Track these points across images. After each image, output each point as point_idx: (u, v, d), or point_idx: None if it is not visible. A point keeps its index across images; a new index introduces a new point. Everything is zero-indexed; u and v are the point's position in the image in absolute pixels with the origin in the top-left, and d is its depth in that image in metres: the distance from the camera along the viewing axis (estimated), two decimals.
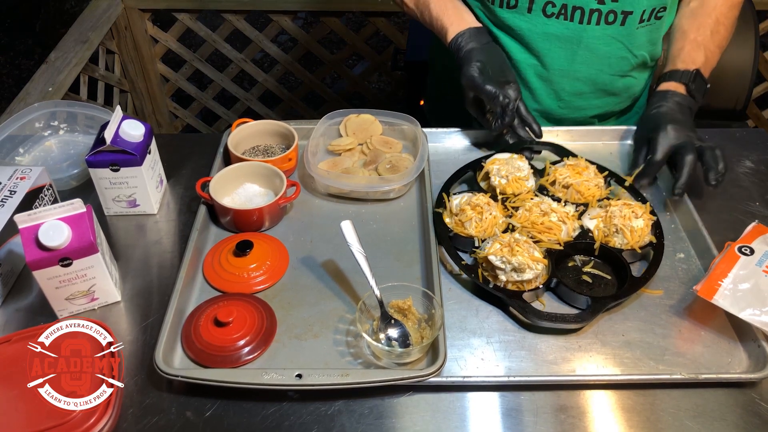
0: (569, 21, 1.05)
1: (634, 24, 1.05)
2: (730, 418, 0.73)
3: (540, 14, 1.06)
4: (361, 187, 0.99)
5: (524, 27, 1.08)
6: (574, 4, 1.03)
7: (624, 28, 1.05)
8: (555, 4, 1.04)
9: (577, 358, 0.78)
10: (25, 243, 0.75)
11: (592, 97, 1.16)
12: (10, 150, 1.07)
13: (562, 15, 1.05)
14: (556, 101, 1.16)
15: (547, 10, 1.05)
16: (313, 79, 2.35)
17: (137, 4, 2.09)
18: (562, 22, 1.05)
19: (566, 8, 1.04)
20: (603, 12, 1.03)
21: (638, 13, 1.04)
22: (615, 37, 1.07)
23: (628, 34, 1.07)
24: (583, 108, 1.18)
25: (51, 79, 1.67)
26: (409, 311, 0.81)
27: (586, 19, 1.04)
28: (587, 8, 1.03)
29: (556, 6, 1.04)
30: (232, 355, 0.77)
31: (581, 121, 1.20)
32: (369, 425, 0.72)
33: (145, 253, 0.94)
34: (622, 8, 1.03)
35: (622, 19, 1.04)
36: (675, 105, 1.04)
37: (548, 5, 1.04)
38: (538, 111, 1.18)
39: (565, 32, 1.06)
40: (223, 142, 1.09)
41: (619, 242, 0.90)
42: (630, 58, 1.11)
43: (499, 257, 0.83)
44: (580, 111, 1.18)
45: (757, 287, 0.79)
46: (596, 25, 1.05)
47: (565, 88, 1.14)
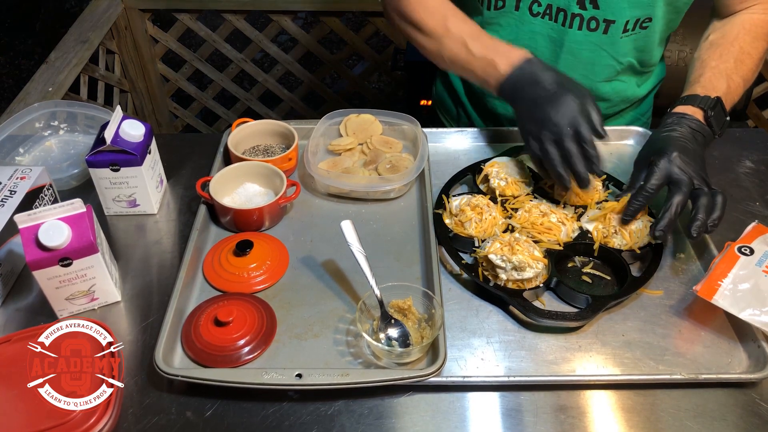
0: (553, 21, 1.05)
1: (617, 33, 1.04)
2: (730, 418, 0.73)
3: (527, 12, 1.05)
4: (361, 187, 0.99)
5: (512, 23, 1.08)
6: (558, 5, 1.03)
7: (607, 36, 1.04)
8: (540, 4, 1.04)
9: (577, 358, 0.78)
10: (25, 243, 0.75)
11: None
12: (10, 150, 1.07)
13: (547, 15, 1.04)
14: None
15: (533, 9, 1.05)
16: (313, 79, 2.35)
17: (137, 4, 2.09)
18: (547, 22, 1.05)
19: (551, 8, 1.03)
20: (584, 17, 1.02)
21: (621, 23, 1.03)
22: (598, 45, 1.06)
23: (611, 42, 1.06)
24: None
25: (51, 79, 1.67)
26: (409, 311, 0.81)
27: (568, 23, 1.04)
28: (569, 11, 1.02)
29: (541, 5, 1.04)
30: (232, 354, 0.77)
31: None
32: (369, 425, 0.72)
33: (145, 253, 0.94)
34: (603, 16, 1.02)
35: (605, 27, 1.03)
36: (689, 132, 0.92)
37: (534, 4, 1.04)
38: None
39: (550, 32, 1.06)
40: (223, 142, 1.09)
41: (618, 243, 0.90)
42: (615, 65, 1.10)
43: (499, 256, 0.83)
44: None
45: (756, 287, 0.79)
46: (578, 30, 1.04)
47: None
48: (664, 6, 1.02)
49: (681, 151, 0.88)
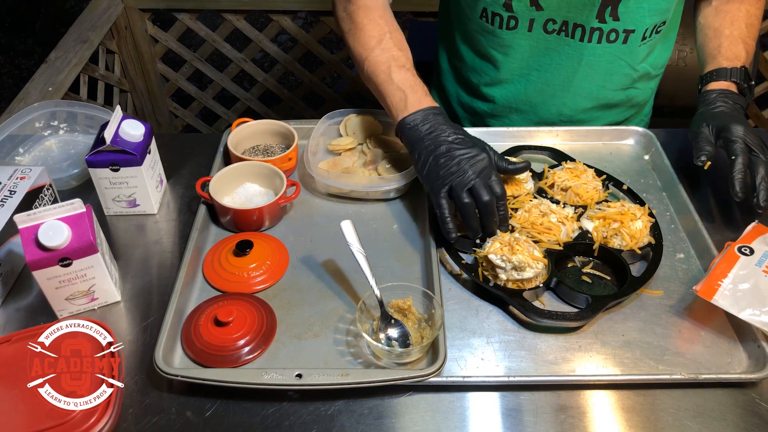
0: (570, 38, 1.03)
1: (636, 42, 1.03)
2: (730, 418, 0.73)
3: (541, 31, 1.04)
4: (361, 186, 0.99)
5: (526, 45, 1.07)
6: (575, 20, 1.01)
7: (626, 46, 1.04)
8: (556, 21, 1.02)
9: (577, 358, 0.78)
10: (25, 243, 0.75)
11: (593, 111, 1.16)
12: (10, 150, 1.07)
13: (563, 32, 1.03)
14: (557, 116, 1.16)
15: (548, 27, 1.03)
16: (313, 79, 2.35)
17: (137, 4, 2.08)
18: (563, 38, 1.04)
19: (567, 25, 1.02)
20: (604, 31, 1.01)
21: (641, 32, 1.02)
22: (617, 55, 1.05)
23: (630, 51, 1.05)
24: (584, 121, 1.17)
25: (51, 79, 1.67)
26: (409, 311, 0.81)
27: (587, 38, 1.02)
28: (588, 26, 1.01)
29: (557, 23, 1.02)
30: (232, 354, 0.77)
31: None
32: (369, 425, 0.72)
33: (145, 253, 0.94)
34: (623, 27, 1.01)
35: (624, 38, 1.02)
36: (733, 105, 0.97)
37: (549, 22, 1.02)
38: (539, 123, 1.18)
39: (566, 49, 1.05)
40: (223, 142, 1.09)
41: (618, 243, 0.90)
42: (632, 73, 1.10)
43: (499, 256, 0.83)
44: (580, 123, 1.18)
45: (756, 287, 0.78)
46: (597, 44, 1.03)
47: (566, 103, 1.13)
48: (677, 5, 1.02)
49: (743, 124, 0.93)
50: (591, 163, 1.04)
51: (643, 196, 1.00)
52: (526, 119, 1.18)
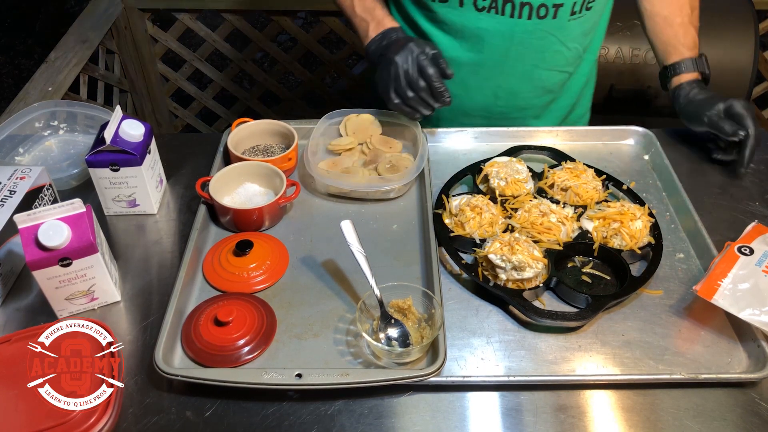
0: (500, 15, 1.03)
1: (565, 17, 1.04)
2: (730, 418, 0.73)
3: (471, 8, 1.04)
4: (361, 186, 0.99)
5: (457, 21, 1.07)
6: None
7: (556, 21, 1.04)
8: None
9: (577, 358, 0.78)
10: (25, 243, 0.75)
11: (529, 94, 1.16)
12: (10, 150, 1.07)
13: (493, 9, 1.03)
14: (492, 98, 1.16)
15: (478, 3, 1.03)
16: (313, 79, 2.35)
17: (137, 4, 2.08)
18: (494, 16, 1.04)
19: (497, 2, 1.02)
20: (534, 6, 1.02)
21: (569, 6, 1.03)
22: (547, 31, 1.06)
23: (560, 27, 1.06)
24: (522, 107, 1.17)
25: (51, 79, 1.67)
26: (409, 311, 0.81)
27: (517, 13, 1.03)
28: (517, 2, 1.01)
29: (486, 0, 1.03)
30: (232, 354, 0.77)
31: (521, 121, 1.19)
32: (369, 425, 0.72)
33: (145, 253, 0.94)
34: (553, 1, 1.02)
35: (554, 13, 1.03)
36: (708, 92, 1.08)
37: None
38: (476, 107, 1.18)
39: (497, 27, 1.05)
40: (223, 142, 1.09)
41: (617, 243, 0.90)
42: (564, 51, 1.10)
43: (499, 256, 0.83)
44: (519, 110, 1.18)
45: (756, 287, 0.79)
46: (528, 20, 1.04)
47: (500, 84, 1.13)
48: None
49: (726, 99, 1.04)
50: (591, 163, 1.04)
51: (643, 196, 1.00)
52: (463, 104, 1.17)
